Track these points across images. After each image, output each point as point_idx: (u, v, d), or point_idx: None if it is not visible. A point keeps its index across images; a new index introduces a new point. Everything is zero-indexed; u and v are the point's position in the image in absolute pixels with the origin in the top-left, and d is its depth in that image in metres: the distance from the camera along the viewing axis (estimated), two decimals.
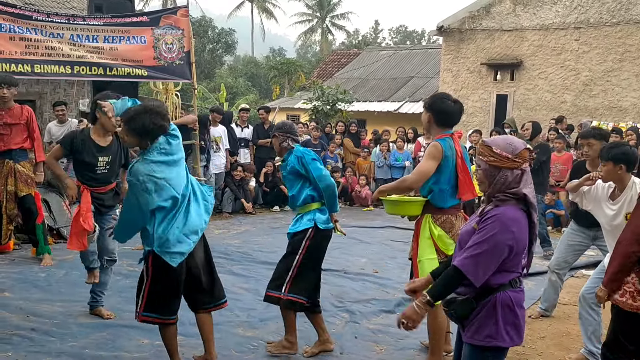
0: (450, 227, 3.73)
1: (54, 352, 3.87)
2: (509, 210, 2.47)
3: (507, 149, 2.50)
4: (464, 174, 3.72)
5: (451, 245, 3.64)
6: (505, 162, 2.49)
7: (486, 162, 2.53)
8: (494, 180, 2.51)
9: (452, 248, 3.56)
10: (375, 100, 19.91)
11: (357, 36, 50.08)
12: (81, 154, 4.44)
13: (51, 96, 11.99)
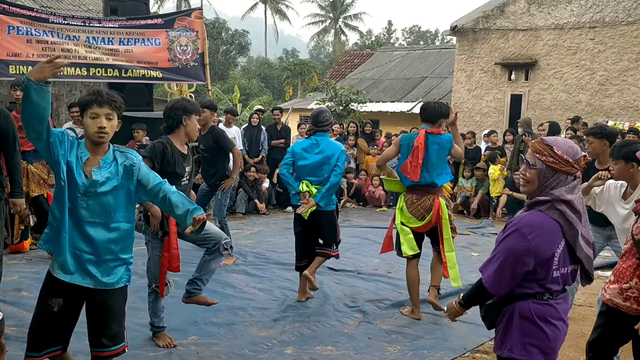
0: (411, 204, 4.76)
1: (71, 351, 3.90)
2: (530, 215, 2.33)
3: (568, 152, 2.33)
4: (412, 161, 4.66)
5: (410, 218, 4.79)
6: (564, 166, 2.32)
7: (543, 162, 2.34)
8: (546, 182, 2.34)
9: (411, 221, 4.78)
10: (389, 101, 19.88)
11: (370, 37, 50.04)
12: (172, 166, 3.93)
13: (67, 98, 12.15)
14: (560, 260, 2.33)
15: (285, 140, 10.76)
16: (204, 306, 4.87)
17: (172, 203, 2.99)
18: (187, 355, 3.96)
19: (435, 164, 4.72)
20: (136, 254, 6.54)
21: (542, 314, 2.34)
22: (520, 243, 2.28)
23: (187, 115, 3.98)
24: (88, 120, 2.82)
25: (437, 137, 4.74)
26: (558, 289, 2.37)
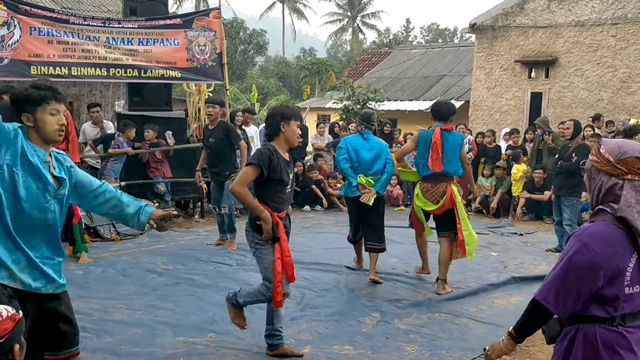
0: (427, 191, 5.52)
1: (90, 348, 3.96)
2: (596, 225, 2.08)
3: (612, 151, 2.09)
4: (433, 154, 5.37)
5: (426, 202, 5.53)
6: (604, 165, 2.10)
7: (591, 162, 2.17)
8: (591, 183, 2.16)
9: (427, 205, 5.52)
10: (407, 99, 19.78)
11: (388, 35, 49.86)
12: (278, 173, 3.79)
13: (88, 98, 12.29)
14: (632, 276, 2.03)
15: (302, 139, 10.76)
16: (221, 304, 4.91)
17: (123, 202, 2.91)
18: (206, 353, 3.98)
19: (449, 157, 5.42)
20: (153, 252, 6.63)
21: (609, 342, 2.04)
22: (584, 255, 2.01)
23: (286, 122, 3.84)
24: (47, 117, 2.61)
25: (450, 133, 5.49)
26: (631, 311, 2.05)
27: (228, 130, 6.74)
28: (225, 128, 6.76)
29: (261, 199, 3.80)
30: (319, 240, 7.63)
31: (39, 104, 2.62)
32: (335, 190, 10.21)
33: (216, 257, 6.52)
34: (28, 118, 2.61)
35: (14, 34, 7.10)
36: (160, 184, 8.58)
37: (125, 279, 5.65)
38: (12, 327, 1.48)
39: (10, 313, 1.48)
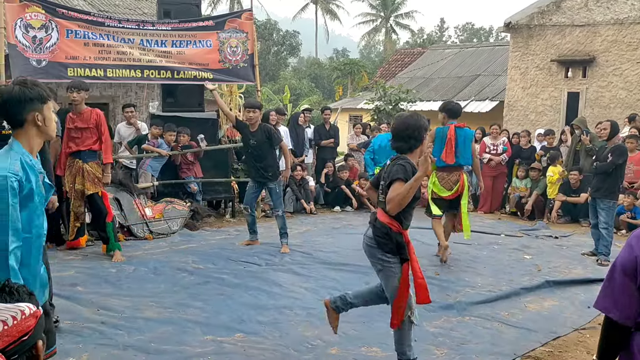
0: (442, 179, 6.51)
1: (122, 345, 4.03)
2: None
3: None
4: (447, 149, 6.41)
5: (441, 189, 6.51)
6: None
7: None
8: None
9: (442, 191, 6.50)
10: (439, 100, 19.52)
11: (421, 35, 49.44)
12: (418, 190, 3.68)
13: (123, 99, 12.52)
14: None
15: (334, 140, 10.76)
16: (250, 304, 4.94)
17: None
18: (233, 352, 4.00)
19: (461, 150, 6.43)
20: (184, 251, 6.71)
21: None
22: (625, 254, 1.93)
23: (425, 133, 3.69)
24: (51, 114, 2.67)
25: (462, 130, 6.49)
26: None
27: (269, 133, 6.82)
28: (267, 130, 6.84)
29: (395, 216, 3.54)
30: (349, 241, 7.59)
31: (45, 101, 2.66)
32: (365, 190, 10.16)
33: (246, 256, 6.55)
34: (37, 116, 2.63)
35: (51, 36, 7.29)
36: (192, 184, 8.69)
37: (157, 277, 5.73)
38: (35, 324, 1.50)
39: (32, 310, 1.50)
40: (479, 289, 5.59)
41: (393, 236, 3.51)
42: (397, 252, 3.53)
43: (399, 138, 3.63)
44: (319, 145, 10.73)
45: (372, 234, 3.59)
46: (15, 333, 1.46)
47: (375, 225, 3.57)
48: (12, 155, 2.54)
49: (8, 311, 1.46)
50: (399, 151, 3.63)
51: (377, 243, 3.55)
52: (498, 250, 7.35)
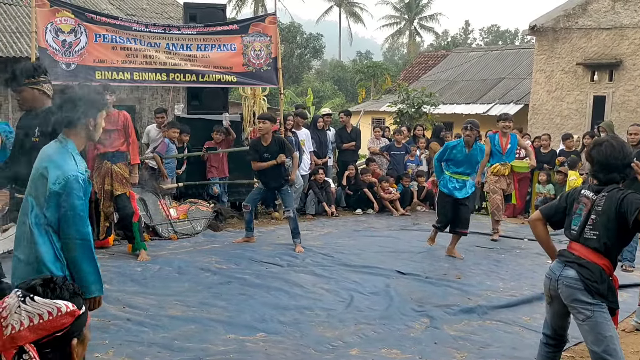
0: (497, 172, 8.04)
1: (147, 342, 4.13)
2: None
3: None
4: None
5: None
6: None
7: None
8: None
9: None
10: (463, 103, 19.46)
11: (446, 37, 49.16)
12: None
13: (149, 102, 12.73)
14: None
15: (355, 143, 10.79)
16: (271, 304, 5.01)
17: None
18: (255, 351, 4.07)
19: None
20: (208, 252, 6.81)
21: None
22: None
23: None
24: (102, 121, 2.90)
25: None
26: None
27: (283, 145, 7.14)
28: (280, 142, 7.15)
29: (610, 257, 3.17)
30: (370, 243, 7.63)
31: (101, 109, 2.87)
32: (387, 193, 10.18)
33: (267, 257, 6.63)
34: (90, 122, 2.84)
35: (80, 40, 7.46)
36: (215, 186, 8.81)
37: (181, 276, 5.84)
38: (71, 322, 1.56)
39: (70, 309, 1.57)
40: (501, 293, 5.57)
41: (606, 279, 3.13)
42: (606, 298, 3.12)
43: (612, 168, 3.20)
44: (340, 148, 10.77)
45: (576, 275, 3.14)
46: (49, 328, 1.53)
47: (583, 265, 3.13)
48: (73, 155, 2.78)
49: (46, 306, 1.54)
50: (611, 182, 3.20)
51: (586, 286, 3.10)
52: (520, 255, 7.31)
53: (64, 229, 2.73)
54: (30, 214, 2.74)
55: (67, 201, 2.71)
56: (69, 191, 2.71)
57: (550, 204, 3.49)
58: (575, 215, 3.27)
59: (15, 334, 1.49)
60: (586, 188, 3.30)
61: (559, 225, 3.41)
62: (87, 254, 2.77)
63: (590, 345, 3.15)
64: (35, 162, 2.83)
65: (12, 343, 1.49)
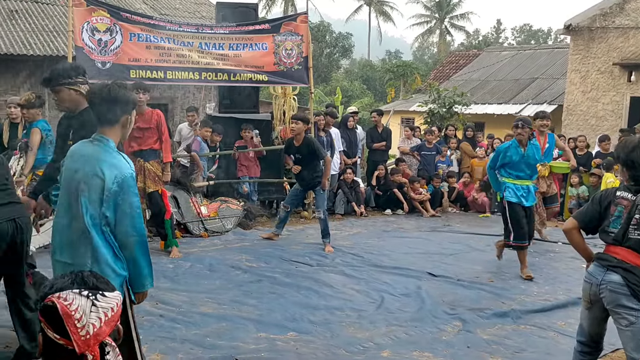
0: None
1: (179, 339, 4.17)
2: None
3: None
4: None
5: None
6: None
7: None
8: None
9: None
10: (495, 103, 19.18)
11: (477, 36, 48.57)
12: None
13: (181, 100, 12.88)
14: None
15: (386, 143, 10.72)
16: (301, 303, 5.01)
17: None
18: (286, 350, 4.07)
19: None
20: (238, 250, 6.84)
21: None
22: None
23: None
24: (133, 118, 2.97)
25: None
26: None
27: (313, 147, 7.15)
28: (311, 144, 7.17)
29: None
30: (400, 244, 7.58)
31: (135, 107, 2.95)
32: (417, 194, 10.09)
33: (297, 256, 6.64)
34: (128, 119, 2.89)
35: (115, 39, 7.57)
36: (244, 185, 8.86)
37: (212, 274, 5.88)
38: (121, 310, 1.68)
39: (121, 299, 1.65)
40: (535, 297, 5.47)
41: None
42: None
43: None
44: (371, 148, 10.72)
45: (621, 279, 3.06)
46: (116, 319, 1.61)
47: (628, 270, 3.05)
48: (120, 154, 2.84)
49: (113, 299, 1.60)
50: None
51: (633, 291, 3.02)
52: (554, 258, 7.17)
53: (123, 227, 2.75)
54: (85, 216, 2.70)
55: (125, 199, 2.74)
56: (127, 189, 2.75)
57: (584, 210, 3.39)
58: (614, 217, 3.18)
59: (98, 331, 1.55)
60: (621, 189, 3.21)
61: (595, 230, 3.31)
62: (144, 250, 2.81)
63: (630, 351, 3.06)
64: (78, 163, 2.79)
65: (96, 340, 1.55)
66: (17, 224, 3.38)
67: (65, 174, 2.85)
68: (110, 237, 2.75)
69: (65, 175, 2.84)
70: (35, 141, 6.00)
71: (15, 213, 3.38)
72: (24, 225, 3.43)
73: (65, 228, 2.80)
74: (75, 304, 1.55)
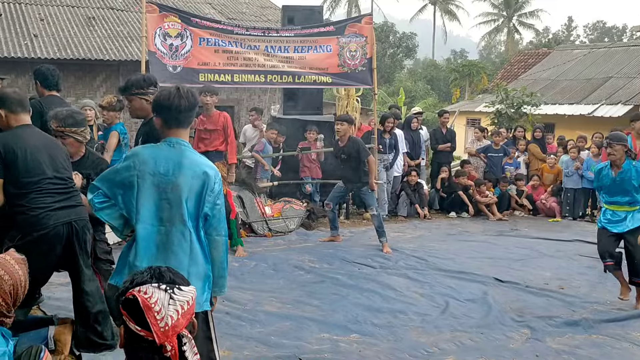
0: None
1: (244, 336, 4.26)
2: None
3: None
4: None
5: None
6: None
7: None
8: None
9: None
10: (566, 103, 18.46)
11: (547, 34, 46.93)
12: None
13: (247, 102, 13.15)
14: None
15: (451, 144, 10.55)
16: (364, 305, 5.00)
17: None
18: (349, 352, 4.08)
19: None
20: (301, 250, 6.89)
21: None
22: None
23: None
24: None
25: None
26: None
27: (358, 148, 7.16)
28: (356, 145, 7.18)
29: None
30: (465, 248, 7.43)
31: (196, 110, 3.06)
32: (483, 197, 9.87)
33: (360, 258, 6.63)
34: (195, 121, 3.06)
35: (186, 44, 7.82)
36: (307, 185, 8.95)
37: (276, 273, 5.97)
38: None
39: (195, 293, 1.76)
40: (609, 307, 5.23)
41: None
42: None
43: None
44: (435, 149, 10.57)
45: None
46: (192, 311, 1.70)
47: None
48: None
49: (189, 293, 1.69)
50: None
51: None
52: None
53: (216, 226, 2.83)
54: (187, 220, 2.75)
55: (220, 198, 2.85)
56: (220, 189, 2.85)
57: None
58: None
59: (175, 323, 1.65)
60: None
61: None
62: (227, 250, 2.90)
63: None
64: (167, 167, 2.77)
65: (174, 331, 1.64)
66: (73, 227, 3.49)
67: (149, 179, 2.76)
68: (204, 239, 2.82)
69: (151, 181, 2.76)
70: (112, 144, 6.27)
71: (73, 215, 3.45)
72: (80, 228, 3.54)
73: (154, 233, 2.76)
74: (154, 297, 1.64)
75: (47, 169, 3.43)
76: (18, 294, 2.62)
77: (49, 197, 3.40)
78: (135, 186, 2.75)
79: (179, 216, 2.76)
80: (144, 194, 2.76)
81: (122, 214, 2.79)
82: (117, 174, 2.81)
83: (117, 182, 2.79)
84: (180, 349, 1.67)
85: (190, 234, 2.77)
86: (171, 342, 1.64)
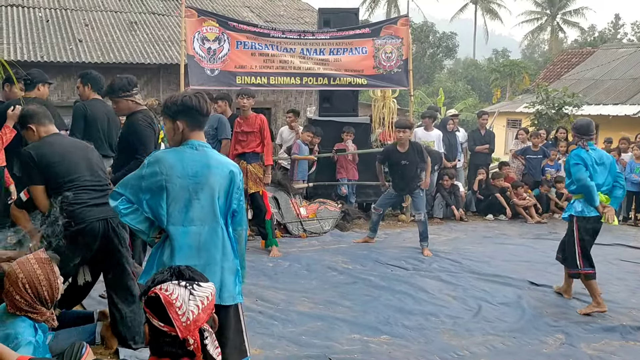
0: None
1: (276, 336, 4.33)
2: None
3: None
4: None
5: None
6: None
7: None
8: None
9: None
10: (611, 104, 17.96)
11: (592, 33, 45.66)
12: None
13: (283, 104, 13.30)
14: None
15: (489, 146, 10.42)
16: (396, 307, 5.01)
17: None
18: (379, 353, 4.11)
19: None
20: (334, 251, 6.95)
21: None
22: None
23: None
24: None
25: None
26: None
27: (421, 152, 7.18)
28: (419, 149, 7.20)
29: None
30: (501, 251, 7.34)
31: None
32: (521, 199, 9.71)
33: (393, 260, 6.63)
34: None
35: (223, 47, 7.99)
36: (343, 187, 8.99)
37: (309, 274, 6.03)
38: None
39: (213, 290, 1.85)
40: None
41: None
42: None
43: None
44: (473, 150, 10.46)
45: None
46: (212, 307, 1.78)
47: None
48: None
49: (208, 288, 1.78)
50: None
51: None
52: None
53: (240, 221, 3.05)
54: (220, 217, 2.92)
55: (241, 194, 3.04)
56: (241, 185, 3.03)
57: None
58: None
59: (196, 317, 1.74)
60: None
61: None
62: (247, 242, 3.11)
63: None
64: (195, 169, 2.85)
65: (195, 325, 1.73)
66: (109, 223, 3.64)
67: (178, 182, 2.82)
68: (232, 234, 3.00)
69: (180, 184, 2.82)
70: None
71: (109, 213, 3.51)
72: (116, 226, 3.67)
73: (187, 233, 2.84)
74: (175, 294, 1.73)
75: (82, 169, 3.66)
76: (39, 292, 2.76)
77: (85, 194, 3.59)
78: (164, 190, 2.82)
79: (212, 214, 2.89)
80: (174, 196, 2.84)
81: (147, 217, 2.86)
82: (143, 179, 2.84)
83: (143, 187, 2.84)
84: (202, 342, 1.75)
85: (222, 231, 2.93)
86: (193, 336, 1.73)
